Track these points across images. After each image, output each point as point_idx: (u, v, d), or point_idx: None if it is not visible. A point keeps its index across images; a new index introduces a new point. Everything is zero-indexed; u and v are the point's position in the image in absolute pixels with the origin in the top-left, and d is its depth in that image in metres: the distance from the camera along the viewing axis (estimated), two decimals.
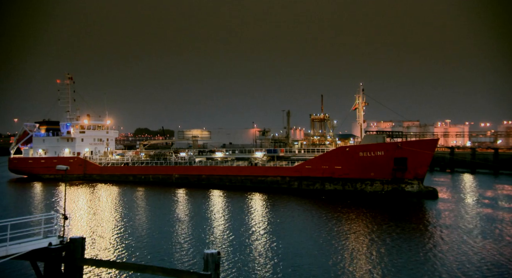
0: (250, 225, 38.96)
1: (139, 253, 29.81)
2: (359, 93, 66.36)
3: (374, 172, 58.80)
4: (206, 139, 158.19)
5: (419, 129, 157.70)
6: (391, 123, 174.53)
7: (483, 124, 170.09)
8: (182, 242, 32.86)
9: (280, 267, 26.47)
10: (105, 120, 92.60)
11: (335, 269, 26.06)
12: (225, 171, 70.92)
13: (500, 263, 27.01)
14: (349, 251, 29.97)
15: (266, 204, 51.61)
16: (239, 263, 27.26)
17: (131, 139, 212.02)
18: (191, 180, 73.12)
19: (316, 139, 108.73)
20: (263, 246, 31.30)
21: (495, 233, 35.36)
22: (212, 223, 40.30)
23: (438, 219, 41.91)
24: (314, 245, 31.83)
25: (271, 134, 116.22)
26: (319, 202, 53.18)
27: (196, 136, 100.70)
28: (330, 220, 41.82)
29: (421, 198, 54.74)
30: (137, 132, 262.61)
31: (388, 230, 36.69)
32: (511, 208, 47.27)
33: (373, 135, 65.03)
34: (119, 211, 47.21)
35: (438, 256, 28.79)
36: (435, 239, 33.78)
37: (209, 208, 48.92)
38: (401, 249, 30.57)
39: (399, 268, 26.31)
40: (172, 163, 77.05)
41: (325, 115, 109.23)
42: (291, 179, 64.88)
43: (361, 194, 58.69)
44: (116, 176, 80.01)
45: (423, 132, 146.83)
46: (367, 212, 45.74)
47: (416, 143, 59.50)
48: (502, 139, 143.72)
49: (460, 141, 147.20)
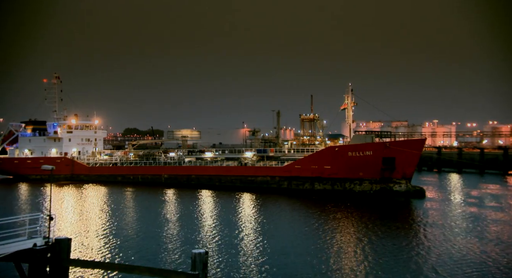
0: (238, 225, 38.94)
1: (127, 253, 29.55)
2: (348, 94, 66.95)
3: (363, 172, 59.28)
4: (196, 138, 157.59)
5: (408, 129, 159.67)
6: (380, 123, 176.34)
7: (469, 124, 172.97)
8: (170, 242, 32.68)
9: (267, 266, 26.52)
10: (93, 120, 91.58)
11: (322, 268, 26.22)
12: (215, 171, 70.74)
13: (484, 261, 27.48)
14: (336, 250, 30.17)
15: (255, 204, 51.63)
16: (227, 262, 27.24)
17: (120, 139, 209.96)
18: (181, 180, 72.75)
19: (306, 139, 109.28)
20: (251, 246, 31.32)
21: (480, 231, 35.97)
22: (201, 223, 40.16)
23: (425, 218, 42.47)
24: (302, 244, 31.98)
25: (261, 134, 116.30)
26: (308, 202, 53.42)
27: (186, 136, 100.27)
28: (319, 219, 42.05)
29: (409, 198, 55.39)
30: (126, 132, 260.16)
31: (376, 229, 37.04)
32: (495, 207, 48.15)
33: (362, 136, 65.60)
34: (106, 212, 46.73)
35: (424, 254, 29.17)
36: (422, 238, 34.22)
37: (198, 208, 48.74)
38: (388, 247, 30.89)
39: (385, 266, 26.59)
40: (161, 163, 76.56)
41: (315, 116, 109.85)
42: (280, 179, 65.02)
43: (350, 194, 59.13)
44: (104, 176, 79.15)
45: (411, 132, 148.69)
46: (355, 211, 46.11)
47: (404, 142, 60.19)
48: (488, 138, 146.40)
49: (447, 141, 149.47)
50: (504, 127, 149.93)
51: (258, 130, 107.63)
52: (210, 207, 49.73)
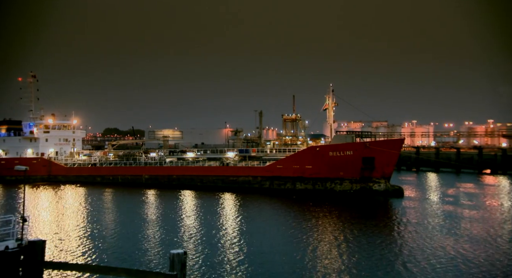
0: (219, 225, 38.81)
1: (104, 255, 29.03)
2: (329, 94, 67.67)
3: (343, 171, 60.03)
4: (178, 139, 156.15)
5: (387, 129, 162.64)
6: (361, 123, 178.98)
7: (446, 125, 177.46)
8: (149, 242, 32.28)
9: (246, 265, 26.55)
10: (72, 120, 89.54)
11: (299, 266, 26.42)
12: (196, 171, 70.29)
13: (456, 257, 28.25)
14: (314, 249, 30.47)
15: (236, 204, 51.58)
16: (206, 262, 27.12)
17: (99, 139, 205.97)
18: (162, 180, 71.97)
19: (288, 139, 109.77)
20: (231, 245, 31.27)
21: (454, 229, 36.96)
22: (181, 223, 39.84)
23: (402, 217, 43.38)
24: (281, 243, 32.17)
25: (243, 134, 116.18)
26: (289, 202, 53.73)
27: (167, 137, 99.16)
28: (298, 219, 42.35)
29: (388, 197, 56.43)
30: (106, 132, 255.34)
31: (353, 227, 37.57)
32: (470, 205, 49.59)
33: (343, 136, 66.44)
34: (84, 213, 45.76)
35: (397, 251, 29.79)
36: (396, 236, 34.95)
37: (178, 208, 48.32)
38: (363, 245, 31.39)
39: (359, 263, 27.01)
40: (142, 163, 75.55)
41: (297, 116, 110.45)
42: (262, 179, 65.14)
43: (330, 193, 59.79)
44: (82, 177, 77.51)
45: (391, 132, 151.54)
46: (335, 210, 46.65)
47: (383, 142, 61.30)
48: (464, 139, 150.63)
49: (425, 141, 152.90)
50: (479, 128, 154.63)
51: (241, 130, 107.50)
52: (191, 208, 49.37)
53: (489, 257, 28.23)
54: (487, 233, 35.05)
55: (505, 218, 41.86)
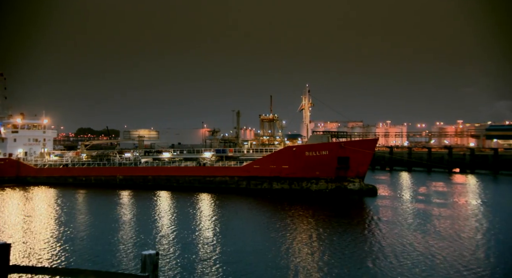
0: (194, 225, 38.49)
1: (74, 257, 28.22)
2: (305, 95, 68.36)
3: (319, 171, 60.76)
4: (154, 139, 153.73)
5: (363, 129, 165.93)
6: (337, 123, 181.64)
7: (419, 125, 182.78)
8: (121, 244, 31.62)
9: (221, 265, 26.44)
10: (42, 119, 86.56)
11: (275, 265, 26.55)
12: (172, 172, 69.44)
13: (427, 253, 29.15)
14: (288, 247, 30.70)
15: (213, 204, 51.30)
16: (180, 263, 26.84)
17: (72, 139, 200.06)
18: (137, 181, 70.67)
19: (265, 139, 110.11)
20: (206, 245, 31.07)
21: (425, 226, 38.11)
22: (155, 224, 39.23)
23: (376, 215, 44.36)
24: (257, 243, 32.23)
25: (221, 134, 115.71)
26: (265, 201, 53.92)
27: (143, 137, 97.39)
28: (275, 218, 42.55)
29: (362, 196, 57.55)
30: (79, 132, 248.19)
31: (329, 226, 38.13)
32: (440, 203, 51.26)
33: (318, 136, 67.25)
34: (53, 215, 44.31)
35: (373, 249, 30.44)
36: (371, 234, 35.71)
37: (153, 209, 47.57)
38: (335, 244, 31.90)
39: (336, 261, 27.44)
40: (116, 164, 73.92)
41: (274, 116, 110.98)
42: (239, 179, 65.05)
43: (307, 193, 60.40)
44: (53, 178, 75.07)
45: (366, 132, 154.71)
46: (310, 210, 47.18)
47: (358, 142, 62.48)
48: (435, 138, 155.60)
49: (399, 141, 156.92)
50: (449, 128, 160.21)
51: (218, 130, 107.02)
52: (166, 208, 48.72)
53: (454, 252, 29.28)
54: (453, 229, 36.34)
55: (470, 215, 43.55)
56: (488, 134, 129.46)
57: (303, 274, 25.02)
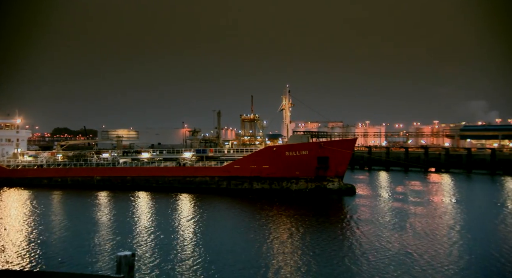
0: (173, 226, 38.12)
1: (47, 259, 27.51)
2: (285, 95, 68.71)
3: (299, 171, 61.22)
4: (134, 139, 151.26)
5: (342, 129, 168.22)
6: (318, 124, 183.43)
7: (397, 125, 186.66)
8: (96, 245, 31.02)
9: (199, 266, 26.31)
10: (15, 119, 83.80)
11: (254, 265, 26.60)
12: (152, 172, 68.55)
13: (403, 250, 29.84)
14: (269, 247, 30.84)
15: (192, 205, 50.94)
16: (157, 264, 26.58)
17: (48, 140, 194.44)
18: (115, 181, 69.38)
19: (246, 139, 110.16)
20: (185, 246, 30.84)
21: (402, 224, 39.01)
22: (133, 225, 38.65)
23: (354, 214, 45.09)
24: (236, 243, 32.23)
25: (201, 134, 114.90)
26: (246, 201, 53.94)
27: (121, 137, 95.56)
28: (254, 218, 42.62)
29: (341, 195, 58.34)
30: (55, 132, 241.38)
31: (308, 225, 38.50)
32: (416, 202, 52.55)
33: (299, 136, 67.78)
34: (26, 217, 42.98)
35: (351, 247, 30.97)
36: (349, 232, 36.29)
37: (131, 210, 46.83)
38: (318, 242, 32.29)
39: (315, 259, 27.74)
40: (93, 164, 72.39)
41: (255, 116, 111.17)
42: (220, 179, 64.82)
43: (287, 192, 60.75)
44: (27, 179, 72.83)
45: (345, 132, 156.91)
46: (290, 209, 47.51)
47: (337, 142, 63.31)
48: (412, 138, 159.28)
49: (377, 141, 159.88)
50: (426, 128, 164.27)
51: (199, 130, 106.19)
52: (144, 209, 48.05)
53: (428, 249, 30.09)
54: (428, 227, 37.33)
55: (444, 213, 44.86)
56: (462, 134, 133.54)
57: (279, 273, 25.17)
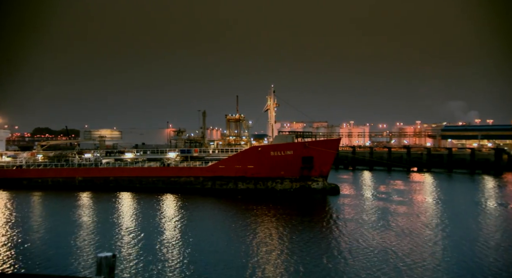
0: (156, 227, 37.72)
1: (26, 262, 26.81)
2: (270, 95, 68.88)
3: (284, 171, 61.46)
4: (117, 139, 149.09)
5: (327, 129, 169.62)
6: (303, 124, 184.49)
7: (381, 125, 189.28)
8: (77, 247, 30.47)
9: (181, 266, 26.13)
10: None
11: (236, 265, 26.55)
12: (135, 172, 67.70)
13: (385, 248, 30.27)
14: (253, 247, 30.83)
15: (177, 205, 50.52)
16: (139, 265, 26.32)
17: (28, 140, 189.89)
18: (97, 182, 68.25)
19: (231, 139, 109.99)
20: (168, 247, 30.55)
21: (384, 223, 39.58)
22: (115, 226, 38.08)
23: (337, 213, 45.56)
24: (219, 244, 32.13)
25: (186, 134, 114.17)
26: (230, 201, 53.82)
27: (104, 137, 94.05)
28: (239, 218, 42.57)
29: (325, 194, 58.82)
30: (36, 132, 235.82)
31: (292, 225, 38.66)
32: (399, 201, 53.43)
33: (283, 136, 68.09)
34: (3, 219, 41.80)
35: (334, 246, 31.24)
36: (333, 231, 36.61)
37: (114, 211, 46.14)
38: (302, 241, 32.46)
39: (296, 260, 27.87)
40: (75, 165, 71.04)
41: (240, 116, 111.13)
42: (204, 179, 64.51)
43: (272, 192, 60.89)
44: (5, 180, 70.94)
45: (330, 132, 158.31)
46: (275, 209, 47.60)
47: (321, 142, 63.81)
48: (395, 138, 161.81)
49: (361, 141, 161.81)
50: (408, 128, 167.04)
51: (184, 130, 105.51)
52: (127, 210, 47.40)
53: (409, 247, 30.62)
54: (409, 226, 38.00)
55: (425, 211, 45.75)
56: (443, 134, 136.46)
57: (261, 272, 25.20)
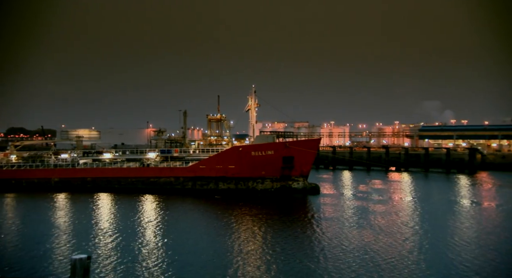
0: (134, 228, 37.16)
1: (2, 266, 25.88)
2: (251, 95, 68.90)
3: (265, 171, 61.60)
4: (95, 139, 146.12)
5: (308, 129, 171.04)
6: (284, 124, 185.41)
7: (360, 125, 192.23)
8: (52, 250, 29.74)
9: (158, 267, 25.84)
10: None
11: (214, 265, 26.43)
12: (114, 173, 66.47)
13: (363, 246, 30.76)
14: (233, 247, 30.78)
15: (155, 206, 49.90)
16: (115, 267, 25.89)
17: (1, 140, 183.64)
18: (74, 183, 66.65)
19: (213, 139, 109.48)
20: (145, 248, 30.15)
21: (363, 221, 40.23)
22: (92, 227, 37.30)
23: (317, 212, 46.09)
24: (198, 244, 31.95)
25: (167, 134, 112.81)
26: (211, 201, 53.56)
27: (81, 137, 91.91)
28: (219, 218, 42.41)
29: (306, 194, 59.30)
30: (10, 132, 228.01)
31: (272, 225, 38.81)
32: (377, 200, 54.43)
33: (264, 136, 68.24)
34: None
35: (313, 244, 31.55)
36: (312, 230, 36.96)
37: (90, 213, 45.18)
38: (278, 241, 32.62)
39: (275, 259, 27.99)
40: (51, 165, 69.14)
41: (222, 116, 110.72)
42: (185, 179, 63.96)
43: (252, 192, 60.94)
44: None
45: (311, 132, 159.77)
46: (256, 209, 47.67)
47: (302, 142, 64.28)
48: (375, 138, 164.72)
49: (342, 141, 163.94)
50: (387, 129, 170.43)
51: (164, 130, 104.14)
52: (105, 211, 46.50)
53: (386, 244, 31.24)
54: (387, 224, 38.77)
55: (403, 210, 46.79)
56: (420, 134, 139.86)
57: (238, 272, 25.19)
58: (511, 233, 35.99)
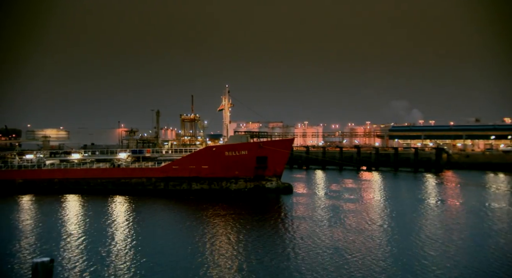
0: (102, 229, 36.19)
1: None
2: (225, 95, 68.66)
3: (238, 171, 61.53)
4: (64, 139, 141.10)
5: (283, 130, 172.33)
6: (259, 124, 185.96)
7: (333, 125, 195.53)
8: (12, 253, 28.49)
9: (126, 269, 25.28)
10: None
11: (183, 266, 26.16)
12: (82, 174, 64.49)
13: (334, 244, 31.30)
14: (205, 248, 30.56)
15: (125, 207, 48.82)
16: (81, 270, 25.09)
17: None
18: (40, 185, 64.12)
19: (186, 139, 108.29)
20: (112, 250, 29.43)
21: (334, 220, 40.94)
22: (57, 230, 36.06)
23: (289, 212, 46.55)
24: (168, 245, 31.56)
25: (139, 134, 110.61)
26: (184, 202, 52.97)
27: (48, 137, 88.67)
28: (190, 219, 42.05)
29: (279, 193, 59.70)
30: None
31: (245, 224, 38.81)
32: (348, 199, 55.51)
33: (238, 136, 68.24)
34: None
35: (285, 245, 31.76)
36: (284, 229, 37.25)
37: (56, 215, 43.63)
38: (250, 241, 32.69)
39: (246, 259, 28.02)
40: (15, 166, 66.26)
41: (196, 116, 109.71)
42: (157, 180, 62.92)
43: (226, 192, 60.73)
44: None
45: (285, 132, 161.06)
46: (229, 209, 47.54)
47: (275, 142, 64.68)
48: (347, 138, 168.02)
49: (315, 141, 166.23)
50: (359, 129, 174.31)
51: (136, 130, 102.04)
52: (71, 213, 45.03)
53: (357, 243, 31.91)
54: (357, 222, 39.63)
55: (372, 208, 48.01)
56: (390, 134, 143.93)
57: (208, 272, 25.02)
58: (473, 229, 37.63)
